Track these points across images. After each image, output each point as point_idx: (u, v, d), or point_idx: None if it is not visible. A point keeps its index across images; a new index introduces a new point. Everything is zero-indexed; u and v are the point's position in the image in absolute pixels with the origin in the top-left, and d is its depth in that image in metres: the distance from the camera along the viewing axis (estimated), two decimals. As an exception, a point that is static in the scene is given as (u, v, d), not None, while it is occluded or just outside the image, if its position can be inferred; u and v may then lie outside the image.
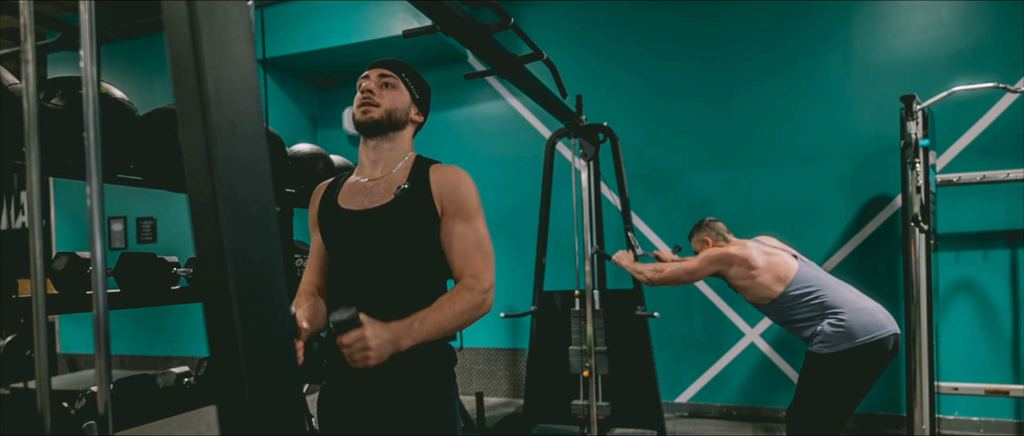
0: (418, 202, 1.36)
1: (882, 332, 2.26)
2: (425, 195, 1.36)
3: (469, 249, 1.34)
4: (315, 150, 2.81)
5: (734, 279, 2.51)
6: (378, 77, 1.42)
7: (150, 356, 5.79)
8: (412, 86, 1.46)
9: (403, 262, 1.36)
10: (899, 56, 3.85)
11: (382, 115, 1.39)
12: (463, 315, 1.27)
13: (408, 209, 1.35)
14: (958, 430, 3.73)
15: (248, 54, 0.62)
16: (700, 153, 4.32)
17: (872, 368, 2.27)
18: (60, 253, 1.89)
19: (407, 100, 1.45)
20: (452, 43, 4.64)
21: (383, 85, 1.42)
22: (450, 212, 1.36)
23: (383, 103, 1.40)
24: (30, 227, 0.69)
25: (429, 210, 1.36)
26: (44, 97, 1.72)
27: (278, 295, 0.62)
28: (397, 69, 1.44)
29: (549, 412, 3.75)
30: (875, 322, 2.27)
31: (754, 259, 2.45)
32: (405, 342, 1.20)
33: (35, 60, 0.92)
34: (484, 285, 1.31)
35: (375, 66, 1.44)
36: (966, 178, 3.47)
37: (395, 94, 1.42)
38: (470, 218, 1.36)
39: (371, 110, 1.38)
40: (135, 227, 5.72)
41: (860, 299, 2.37)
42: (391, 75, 1.43)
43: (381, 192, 1.39)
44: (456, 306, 1.27)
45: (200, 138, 0.57)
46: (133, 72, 5.52)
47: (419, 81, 1.50)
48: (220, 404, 0.58)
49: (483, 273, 1.33)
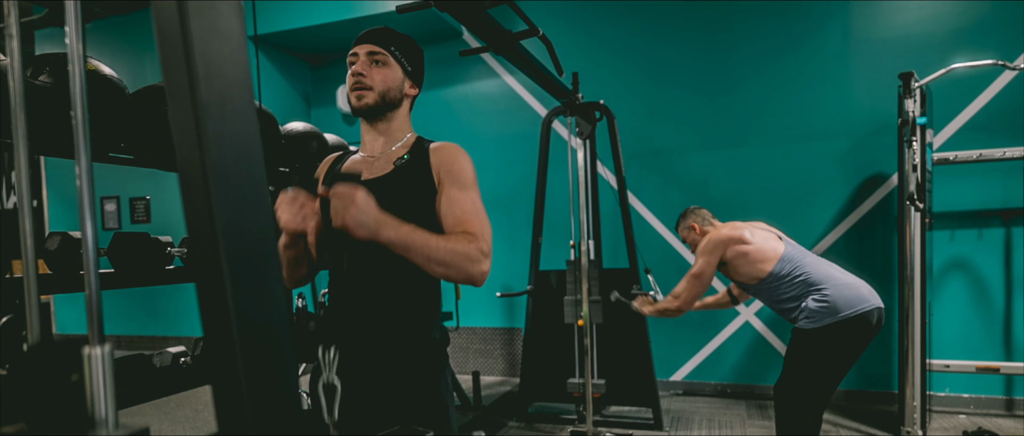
0: (416, 173, 1.36)
1: (865, 306, 2.29)
2: (424, 168, 1.37)
3: (466, 213, 1.32)
4: (309, 129, 2.78)
5: (729, 260, 2.53)
6: (367, 56, 1.37)
7: (147, 336, 5.80)
8: (403, 58, 1.41)
9: None
10: (898, 33, 3.82)
11: (376, 99, 1.37)
12: (454, 254, 1.21)
13: (406, 179, 1.35)
14: (949, 406, 3.78)
15: (237, 28, 0.60)
16: (697, 132, 4.30)
17: (856, 342, 2.31)
18: (52, 233, 1.88)
19: (400, 76, 1.41)
20: (447, 19, 4.58)
21: (373, 63, 1.38)
22: (447, 181, 1.35)
23: (376, 85, 1.37)
24: (19, 205, 0.67)
25: (427, 181, 1.36)
26: (31, 74, 1.69)
27: (272, 273, 0.61)
28: (385, 42, 1.39)
29: (545, 390, 3.78)
30: (858, 296, 2.31)
31: (746, 236, 2.49)
32: (387, 231, 1.15)
33: (20, 35, 0.89)
34: (482, 246, 1.26)
35: (362, 41, 1.39)
36: (962, 156, 3.47)
37: (387, 72, 1.38)
38: (466, 188, 1.36)
39: (365, 95, 1.36)
40: (128, 207, 5.69)
41: (843, 275, 2.40)
42: (380, 51, 1.38)
43: (381, 165, 1.40)
44: (450, 243, 1.22)
45: (189, 114, 0.55)
46: (123, 50, 5.44)
47: (410, 49, 1.43)
48: (215, 384, 0.57)
49: (483, 234, 1.29)
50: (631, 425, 3.63)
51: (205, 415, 4.04)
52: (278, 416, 0.59)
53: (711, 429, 3.58)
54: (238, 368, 0.56)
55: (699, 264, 2.55)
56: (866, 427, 3.49)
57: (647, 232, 4.42)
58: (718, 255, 2.52)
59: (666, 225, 4.41)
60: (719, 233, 2.54)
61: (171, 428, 3.79)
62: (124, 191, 5.67)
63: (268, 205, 0.61)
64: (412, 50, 1.43)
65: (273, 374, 0.60)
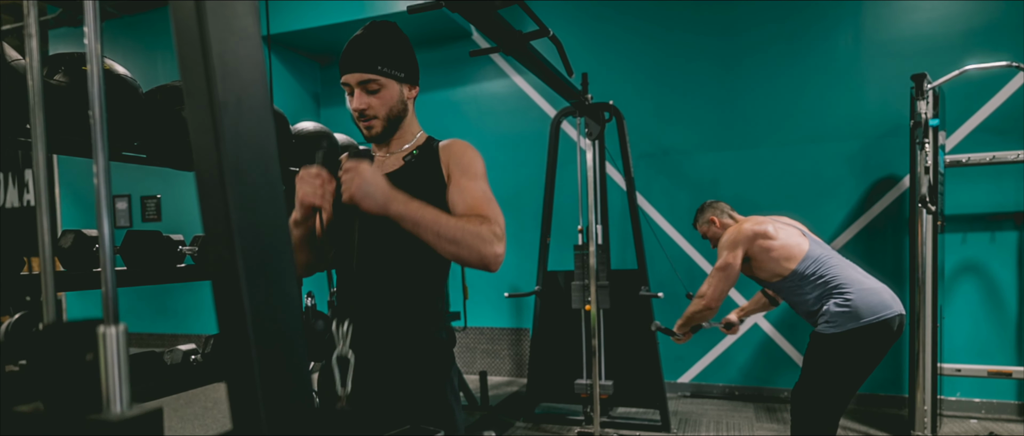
0: (426, 169, 1.38)
1: (887, 313, 2.25)
2: (433, 163, 1.38)
3: (478, 200, 1.30)
4: (319, 128, 2.79)
5: (754, 255, 2.45)
6: (360, 87, 1.32)
7: (157, 334, 5.85)
8: (394, 70, 1.34)
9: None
10: (910, 34, 3.79)
11: (384, 124, 1.36)
12: (465, 233, 1.18)
13: (416, 174, 1.37)
14: (959, 411, 3.75)
15: (253, 28, 0.61)
16: (706, 132, 4.29)
17: (876, 348, 2.27)
18: (66, 231, 1.89)
19: (397, 90, 1.36)
20: (457, 19, 4.59)
21: (370, 93, 1.33)
22: (457, 173, 1.36)
23: (379, 113, 1.34)
24: (37, 204, 0.68)
25: (436, 176, 1.37)
26: (47, 74, 1.71)
27: (286, 272, 0.61)
28: (371, 65, 1.31)
29: (552, 391, 3.78)
30: (881, 302, 2.27)
31: (770, 231, 2.41)
32: (396, 205, 1.14)
33: (39, 35, 0.90)
34: (495, 229, 1.23)
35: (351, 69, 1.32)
36: (975, 159, 3.44)
37: (385, 95, 1.34)
38: (476, 178, 1.35)
39: (373, 125, 1.35)
40: (139, 205, 5.73)
41: (867, 279, 2.35)
42: (371, 78, 1.32)
43: (392, 162, 1.41)
44: (462, 221, 1.19)
45: (206, 113, 0.56)
46: (135, 49, 5.49)
47: (397, 54, 1.35)
48: (229, 380, 0.58)
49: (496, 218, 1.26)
50: (638, 427, 3.62)
51: (214, 413, 4.07)
52: (292, 414, 0.60)
53: (719, 431, 3.57)
54: (252, 365, 0.56)
55: (724, 258, 2.46)
56: (876, 431, 3.47)
57: (656, 233, 4.41)
58: (744, 249, 2.44)
59: (675, 226, 4.40)
60: (743, 227, 2.46)
61: (180, 426, 3.82)
62: (135, 189, 5.71)
63: (283, 204, 0.62)
64: (399, 52, 1.37)
65: (287, 372, 0.60)
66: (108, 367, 0.54)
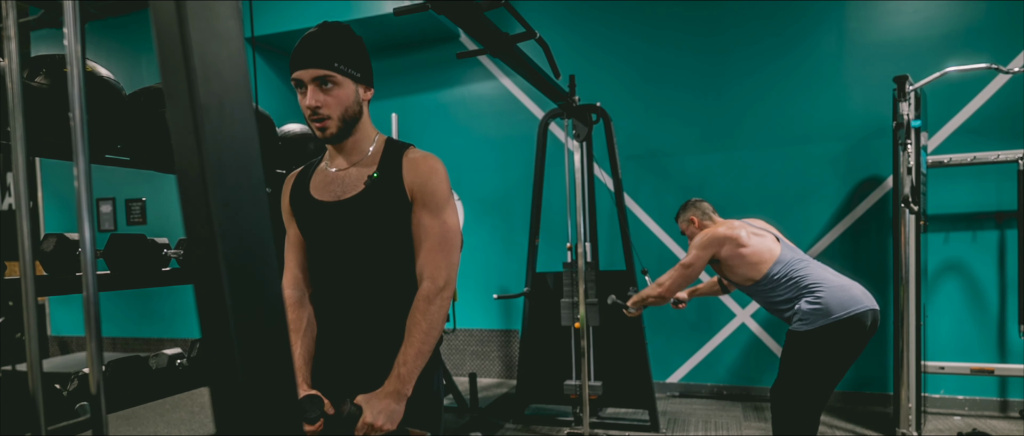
0: (388, 191, 1.35)
1: (858, 307, 2.29)
2: (396, 183, 1.35)
3: (433, 246, 1.35)
4: (305, 130, 2.78)
5: (724, 259, 2.54)
6: (313, 83, 1.28)
7: (142, 338, 5.78)
8: (349, 68, 1.31)
9: (378, 251, 1.37)
10: (893, 37, 3.84)
11: (338, 125, 1.32)
12: (434, 327, 1.32)
13: (379, 199, 1.34)
14: (943, 408, 3.80)
15: (235, 30, 0.61)
16: (693, 135, 4.32)
17: (851, 344, 2.31)
18: (48, 234, 1.87)
19: (352, 90, 1.32)
20: (444, 21, 4.58)
21: (324, 90, 1.29)
22: (420, 202, 1.35)
23: (333, 113, 1.30)
24: (17, 207, 0.67)
25: (400, 198, 1.35)
26: (28, 76, 1.69)
27: (270, 275, 0.61)
28: (327, 61, 1.28)
29: (542, 392, 3.78)
30: (851, 298, 2.31)
31: (743, 238, 2.49)
32: (407, 388, 1.28)
33: (18, 37, 0.89)
34: (440, 283, 1.33)
35: (303, 64, 1.28)
36: (957, 159, 3.49)
37: (339, 93, 1.30)
38: (438, 210, 1.35)
39: (326, 125, 1.31)
40: (124, 208, 5.67)
41: (837, 278, 2.41)
42: (325, 74, 1.28)
43: (352, 181, 1.37)
44: (422, 326, 1.31)
45: (188, 116, 0.56)
46: (119, 51, 5.43)
47: (351, 53, 1.32)
48: (213, 384, 0.57)
49: (439, 271, 1.34)
50: (628, 427, 3.63)
51: (201, 417, 4.03)
52: (276, 417, 0.60)
53: (707, 431, 3.59)
54: (236, 369, 0.56)
55: (691, 256, 2.57)
56: (861, 428, 3.50)
57: (643, 234, 4.43)
58: (711, 251, 2.53)
59: (662, 227, 4.42)
60: (716, 230, 2.55)
61: (166, 430, 3.78)
62: (120, 192, 5.65)
63: (266, 207, 0.62)
64: (354, 52, 1.33)
65: (271, 375, 0.60)
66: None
